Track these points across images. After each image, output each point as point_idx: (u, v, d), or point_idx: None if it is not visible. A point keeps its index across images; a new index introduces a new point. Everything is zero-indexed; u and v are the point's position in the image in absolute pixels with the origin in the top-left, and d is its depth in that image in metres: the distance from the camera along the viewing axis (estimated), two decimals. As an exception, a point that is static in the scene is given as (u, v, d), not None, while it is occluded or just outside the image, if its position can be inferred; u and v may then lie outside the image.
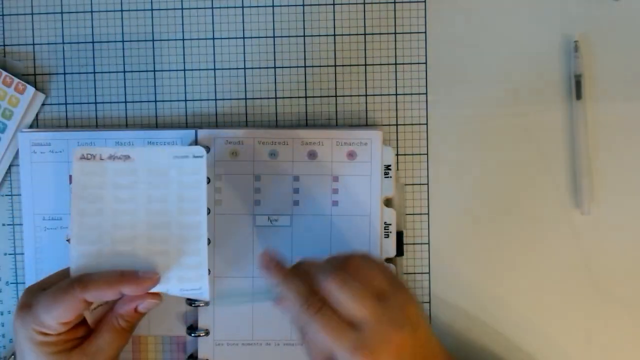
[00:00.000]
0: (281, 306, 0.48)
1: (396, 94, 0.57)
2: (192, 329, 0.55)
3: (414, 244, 0.56)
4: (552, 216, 0.56)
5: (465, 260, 0.56)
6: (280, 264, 0.49)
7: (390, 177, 0.55)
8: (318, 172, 0.55)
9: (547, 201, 0.56)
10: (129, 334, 0.51)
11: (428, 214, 0.56)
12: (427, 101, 0.57)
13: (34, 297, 0.48)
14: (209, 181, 0.55)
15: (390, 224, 0.55)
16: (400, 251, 0.56)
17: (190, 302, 0.55)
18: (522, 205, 0.56)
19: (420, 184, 0.57)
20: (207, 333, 0.55)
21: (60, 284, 0.48)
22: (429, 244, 0.56)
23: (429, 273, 0.57)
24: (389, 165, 0.55)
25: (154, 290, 0.49)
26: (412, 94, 0.57)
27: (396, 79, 0.57)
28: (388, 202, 0.56)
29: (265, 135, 0.55)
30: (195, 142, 0.55)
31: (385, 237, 0.55)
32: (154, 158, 0.49)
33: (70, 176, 0.55)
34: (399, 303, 0.47)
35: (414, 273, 0.57)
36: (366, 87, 0.57)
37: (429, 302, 0.57)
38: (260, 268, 0.49)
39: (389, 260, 0.55)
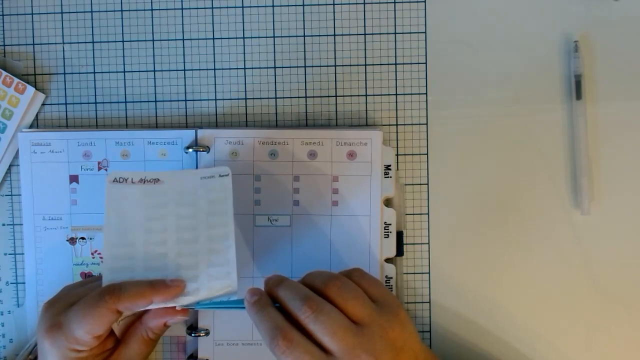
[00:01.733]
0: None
1: (396, 94, 0.57)
2: (192, 329, 0.55)
3: (414, 244, 0.56)
4: (552, 216, 0.56)
5: (465, 260, 0.56)
6: (262, 297, 0.47)
7: (390, 177, 0.55)
8: (318, 172, 0.55)
9: (547, 201, 0.56)
10: (155, 343, 0.52)
11: (428, 214, 0.56)
12: (427, 101, 0.57)
13: (63, 314, 0.48)
14: None
15: (390, 224, 0.55)
16: (400, 251, 0.56)
17: None
18: (522, 205, 0.56)
19: (420, 184, 0.57)
20: (207, 333, 0.55)
21: (89, 297, 0.47)
22: (429, 244, 0.56)
23: (428, 273, 0.57)
24: (389, 165, 0.55)
25: (186, 297, 0.49)
26: (412, 94, 0.57)
27: (396, 79, 0.57)
28: (388, 202, 0.56)
29: (265, 135, 0.55)
30: (195, 142, 0.55)
31: (385, 237, 0.55)
32: (183, 181, 0.51)
33: (71, 176, 0.56)
34: (379, 330, 0.46)
35: (414, 273, 0.57)
36: (366, 87, 0.57)
37: (429, 302, 0.57)
38: (247, 309, 0.47)
39: (388, 260, 0.55)
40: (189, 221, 0.50)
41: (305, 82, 0.57)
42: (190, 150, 0.55)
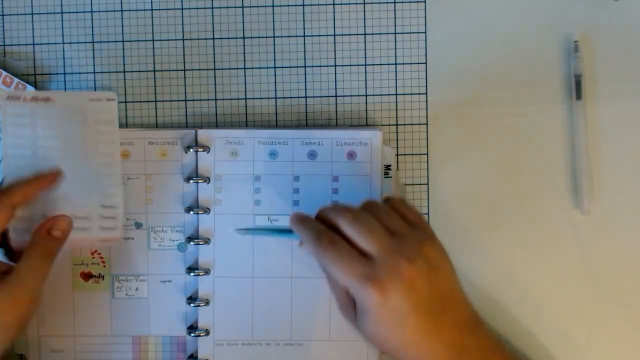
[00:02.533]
0: (302, 246, 0.50)
1: (396, 94, 0.57)
2: (192, 328, 0.55)
3: (414, 244, 0.56)
4: (552, 216, 0.56)
5: (465, 260, 0.56)
6: (303, 215, 0.50)
7: (390, 177, 0.55)
8: (318, 172, 0.55)
9: (547, 201, 0.56)
10: (48, 263, 0.49)
11: (428, 213, 0.56)
12: (427, 101, 0.57)
13: None
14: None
15: None
16: None
17: (190, 301, 0.55)
18: (522, 205, 0.56)
19: (420, 184, 0.57)
20: (207, 333, 0.55)
21: None
22: (429, 244, 0.56)
23: (429, 273, 0.56)
24: (389, 165, 0.55)
25: (74, 232, 0.50)
26: (412, 94, 0.57)
27: (396, 79, 0.57)
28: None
29: (265, 135, 0.55)
30: (195, 142, 0.55)
31: None
32: (72, 101, 0.52)
33: None
34: (415, 240, 0.47)
35: (414, 273, 0.56)
36: (366, 87, 0.57)
37: (429, 302, 0.56)
38: (290, 223, 0.50)
39: None
40: (78, 143, 0.52)
41: (305, 82, 0.57)
42: (191, 150, 0.55)
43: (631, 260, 0.56)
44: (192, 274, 0.55)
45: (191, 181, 0.55)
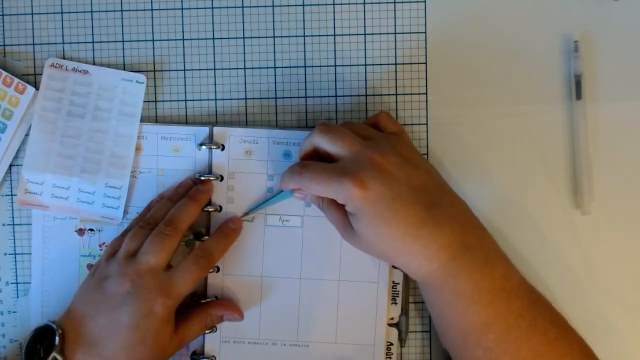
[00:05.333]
0: (295, 195, 0.53)
1: (396, 94, 0.57)
2: None
3: (414, 244, 0.56)
4: (552, 216, 0.56)
5: (465, 260, 0.56)
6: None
7: None
8: None
9: (547, 201, 0.56)
10: (203, 331, 0.54)
11: (428, 214, 0.56)
12: (427, 101, 0.57)
13: (166, 279, 0.50)
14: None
15: None
16: None
17: (199, 297, 0.55)
18: (522, 205, 0.56)
19: (420, 184, 0.56)
20: (213, 330, 0.55)
21: (187, 264, 0.51)
22: (429, 244, 0.56)
23: (429, 273, 0.56)
24: None
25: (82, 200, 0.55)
26: (412, 94, 0.57)
27: (396, 79, 0.57)
28: None
29: (280, 136, 0.55)
30: (210, 139, 0.55)
31: None
32: (107, 77, 0.56)
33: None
34: (388, 141, 0.48)
35: (414, 273, 0.56)
36: (366, 87, 0.57)
37: (429, 302, 0.56)
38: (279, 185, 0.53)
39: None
40: (102, 118, 0.56)
41: (305, 82, 0.57)
42: (204, 147, 0.55)
43: (631, 260, 0.56)
44: None
45: (203, 178, 0.55)
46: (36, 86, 0.57)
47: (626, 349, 0.56)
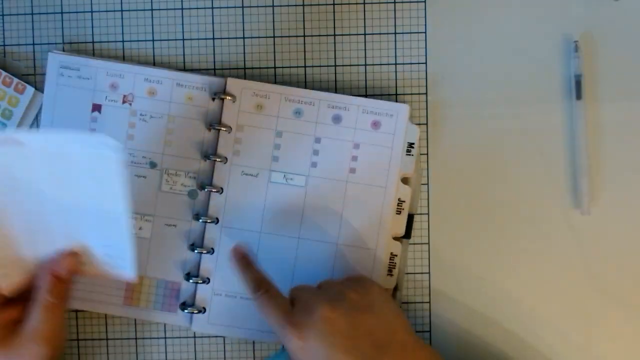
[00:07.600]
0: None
1: (396, 94, 0.57)
2: (189, 276, 0.55)
3: (414, 244, 0.56)
4: (552, 216, 0.56)
5: (465, 261, 0.56)
6: (247, 258, 0.52)
7: (412, 155, 0.55)
8: (340, 137, 0.55)
9: (547, 201, 0.56)
10: (61, 308, 0.49)
11: (428, 214, 0.56)
12: (427, 101, 0.57)
13: None
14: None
15: (404, 201, 0.55)
16: (408, 234, 0.56)
17: (193, 247, 0.55)
18: (522, 205, 0.56)
19: (420, 184, 0.56)
20: (206, 281, 0.55)
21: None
22: (429, 244, 0.56)
23: (429, 273, 0.57)
24: (412, 143, 0.55)
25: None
26: (412, 93, 0.57)
27: (396, 79, 0.57)
28: (405, 181, 0.55)
29: (293, 93, 0.55)
30: (224, 91, 0.55)
31: (397, 214, 0.55)
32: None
33: (94, 104, 0.56)
34: (341, 287, 0.49)
35: (414, 273, 0.57)
36: (366, 87, 0.57)
37: (429, 302, 0.57)
38: (230, 260, 0.52)
39: (396, 238, 0.55)
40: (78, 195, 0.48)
41: (305, 82, 0.57)
42: (217, 98, 0.55)
43: (631, 260, 0.56)
44: (200, 220, 0.55)
45: (213, 129, 0.55)
46: (36, 86, 0.57)
47: (626, 349, 0.56)
